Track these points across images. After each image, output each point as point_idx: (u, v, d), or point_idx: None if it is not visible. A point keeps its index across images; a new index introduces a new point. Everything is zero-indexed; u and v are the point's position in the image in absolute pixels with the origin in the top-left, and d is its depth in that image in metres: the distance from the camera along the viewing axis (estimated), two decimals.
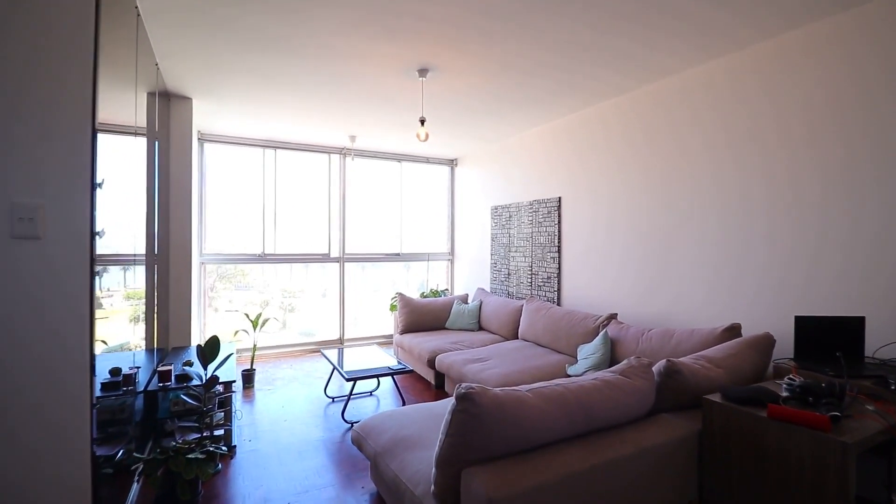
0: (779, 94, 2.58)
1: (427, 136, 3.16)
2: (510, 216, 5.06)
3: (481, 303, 4.92)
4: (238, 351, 4.89)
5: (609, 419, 1.77)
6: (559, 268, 4.33)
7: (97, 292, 1.62)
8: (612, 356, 3.12)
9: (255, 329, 4.26)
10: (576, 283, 4.15)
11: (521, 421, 1.54)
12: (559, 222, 4.33)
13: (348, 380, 3.18)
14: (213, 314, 5.30)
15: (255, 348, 4.28)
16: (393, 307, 5.59)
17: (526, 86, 3.40)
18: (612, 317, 3.42)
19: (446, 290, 6.13)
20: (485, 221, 5.60)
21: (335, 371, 3.40)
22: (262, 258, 5.27)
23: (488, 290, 5.35)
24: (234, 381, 2.84)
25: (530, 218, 4.72)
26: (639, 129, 3.47)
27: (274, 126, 4.67)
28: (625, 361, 2.01)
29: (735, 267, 2.82)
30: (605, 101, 3.77)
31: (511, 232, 5.04)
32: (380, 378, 3.73)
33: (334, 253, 5.70)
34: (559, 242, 4.33)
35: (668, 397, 1.99)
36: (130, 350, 2.44)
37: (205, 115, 4.34)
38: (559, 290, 4.34)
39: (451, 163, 6.36)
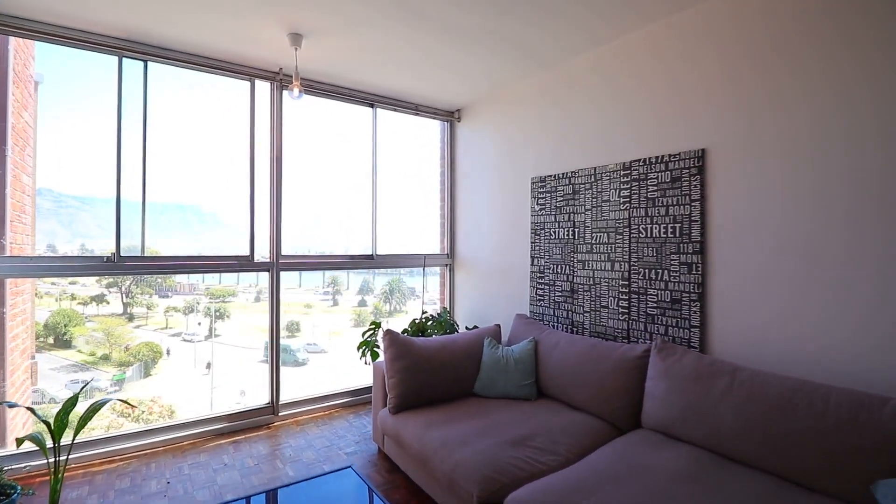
0: None
1: None
2: (575, 192, 2.96)
3: (537, 345, 2.76)
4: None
5: None
6: (702, 283, 2.29)
7: None
8: None
9: (57, 439, 1.80)
10: (751, 314, 2.11)
11: None
12: (702, 197, 2.29)
13: None
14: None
15: (58, 478, 1.81)
16: (371, 351, 3.28)
17: None
18: None
19: (446, 311, 3.92)
20: (519, 203, 3.45)
21: None
22: (114, 265, 2.75)
23: (529, 316, 3.21)
24: None
25: (625, 193, 2.65)
26: None
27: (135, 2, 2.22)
28: None
29: None
30: None
31: (577, 218, 2.94)
32: None
33: (262, 254, 3.29)
34: (702, 235, 2.29)
35: None
36: None
37: None
38: (703, 325, 2.30)
39: (452, 115, 4.13)
